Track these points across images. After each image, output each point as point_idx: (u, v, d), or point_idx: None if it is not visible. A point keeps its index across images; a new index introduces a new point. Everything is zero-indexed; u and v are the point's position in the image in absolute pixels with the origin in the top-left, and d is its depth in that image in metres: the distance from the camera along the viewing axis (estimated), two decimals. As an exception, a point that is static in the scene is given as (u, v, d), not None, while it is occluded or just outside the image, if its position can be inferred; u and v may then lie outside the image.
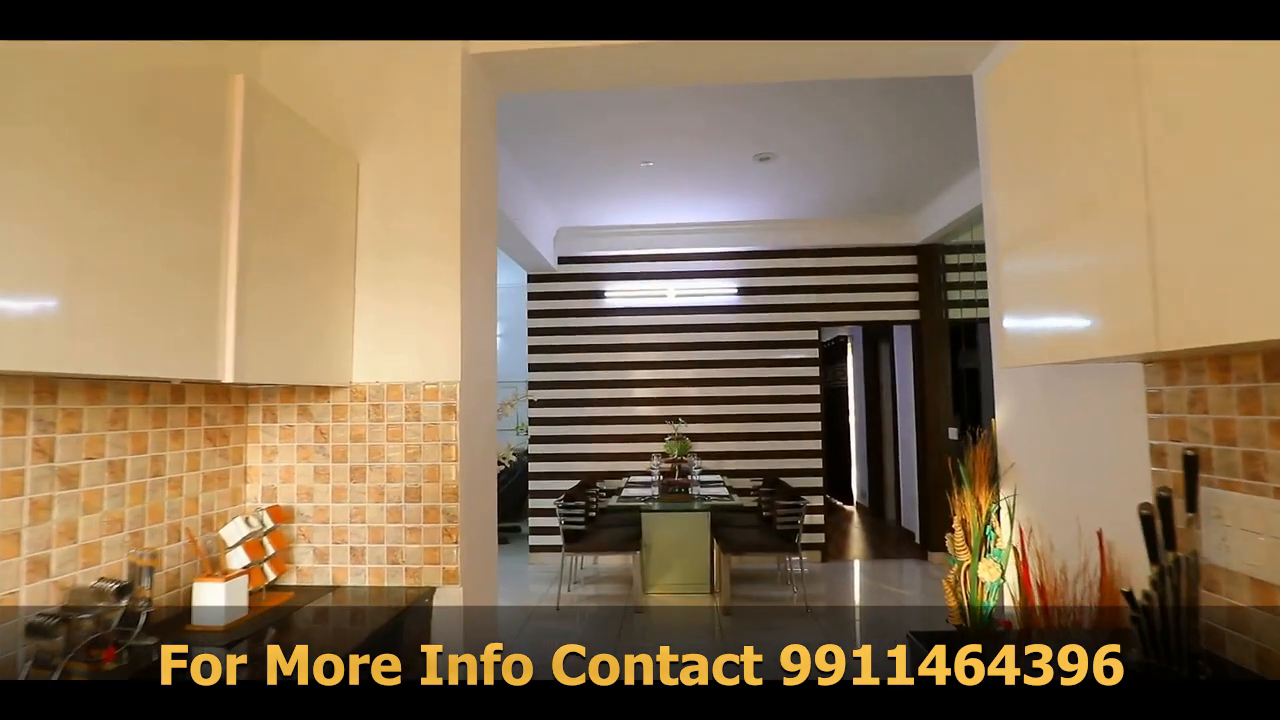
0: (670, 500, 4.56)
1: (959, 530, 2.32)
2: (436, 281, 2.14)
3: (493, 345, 2.55)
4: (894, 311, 5.95)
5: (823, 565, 5.75)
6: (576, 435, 5.98)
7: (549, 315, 6.06)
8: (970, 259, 5.31)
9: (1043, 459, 1.98)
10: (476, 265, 2.32)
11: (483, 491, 2.32)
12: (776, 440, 5.88)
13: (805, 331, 5.94)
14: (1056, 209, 1.40)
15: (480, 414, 2.31)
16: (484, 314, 2.41)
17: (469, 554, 2.12)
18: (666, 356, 5.97)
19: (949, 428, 5.71)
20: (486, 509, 2.38)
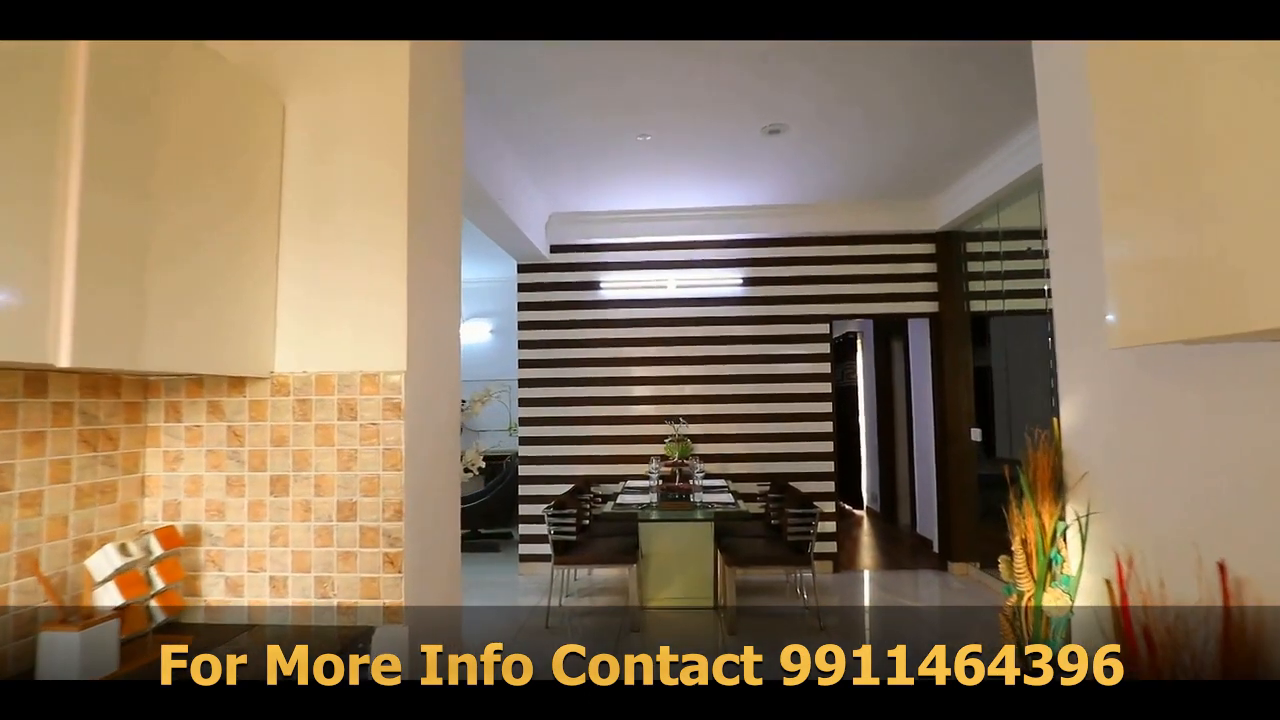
0: (670, 508, 4.15)
1: (1019, 553, 1.90)
2: (378, 244, 1.73)
3: (454, 327, 2.15)
4: (910, 304, 5.54)
5: (834, 576, 5.34)
6: (570, 436, 5.57)
7: (540, 308, 5.66)
8: (997, 247, 4.89)
9: (1140, 468, 1.56)
10: (432, 226, 1.91)
11: (438, 508, 1.91)
12: (785, 442, 5.47)
13: (815, 325, 5.53)
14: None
15: (435, 412, 1.90)
16: (441, 287, 2.01)
17: (418, 586, 1.71)
18: (666, 352, 5.56)
19: (971, 429, 5.30)
20: (443, 530, 1.97)
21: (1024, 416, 4.97)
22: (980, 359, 5.33)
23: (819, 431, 5.48)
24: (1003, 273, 4.84)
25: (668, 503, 4.19)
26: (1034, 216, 4.43)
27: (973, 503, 5.32)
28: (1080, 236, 1.84)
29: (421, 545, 1.74)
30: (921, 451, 6.29)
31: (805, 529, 4.07)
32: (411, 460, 1.70)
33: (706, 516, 4.06)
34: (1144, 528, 1.50)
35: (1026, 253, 4.61)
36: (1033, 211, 4.44)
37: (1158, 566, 1.41)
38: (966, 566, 5.32)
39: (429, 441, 1.83)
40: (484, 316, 8.06)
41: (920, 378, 6.23)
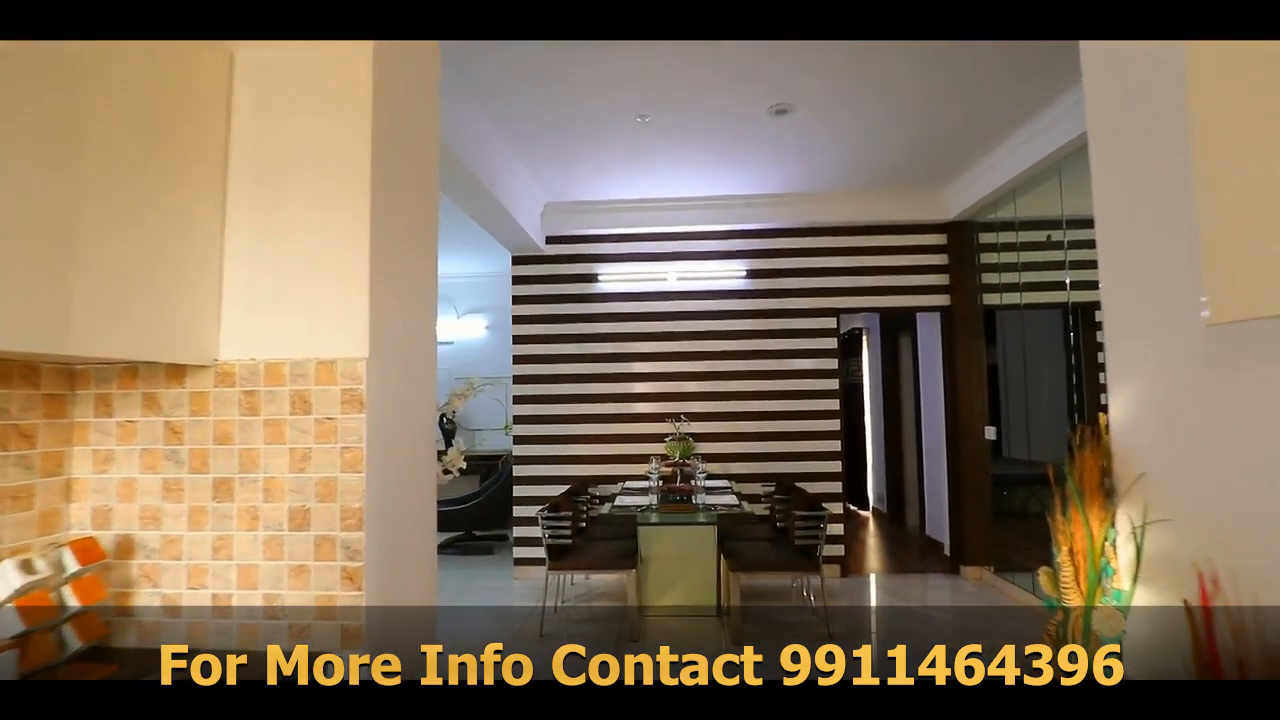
0: (671, 510, 3.93)
1: (1065, 564, 1.68)
2: (337, 217, 1.52)
3: (428, 313, 1.93)
4: (921, 297, 5.32)
5: (842, 581, 5.12)
6: (566, 435, 5.35)
7: (536, 301, 5.44)
8: (1013, 237, 4.67)
9: (1220, 469, 1.34)
10: (400, 199, 1.70)
11: (408, 516, 1.70)
12: (790, 441, 5.26)
13: (822, 319, 5.31)
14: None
15: (404, 406, 1.68)
16: (412, 268, 1.79)
17: (382, 605, 1.50)
18: (667, 347, 5.34)
19: (985, 427, 5.08)
20: (415, 541, 1.75)
21: (1040, 414, 4.76)
22: (994, 354, 5.11)
23: (826, 430, 5.26)
24: (1019, 264, 4.62)
25: (668, 505, 3.97)
26: (1053, 204, 4.22)
27: (986, 504, 5.10)
28: (1136, 218, 1.64)
29: (387, 558, 1.52)
30: (931, 451, 6.07)
31: (813, 532, 3.85)
32: (374, 460, 1.48)
33: (709, 519, 3.85)
34: (1231, 540, 1.28)
35: (1046, 242, 4.39)
36: (1052, 199, 4.22)
37: (1251, 586, 1.19)
38: (980, 570, 5.10)
39: (397, 439, 1.61)
40: (480, 312, 7.85)
41: (930, 374, 6.01)
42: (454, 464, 2.07)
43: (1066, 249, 4.13)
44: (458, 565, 5.81)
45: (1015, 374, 4.86)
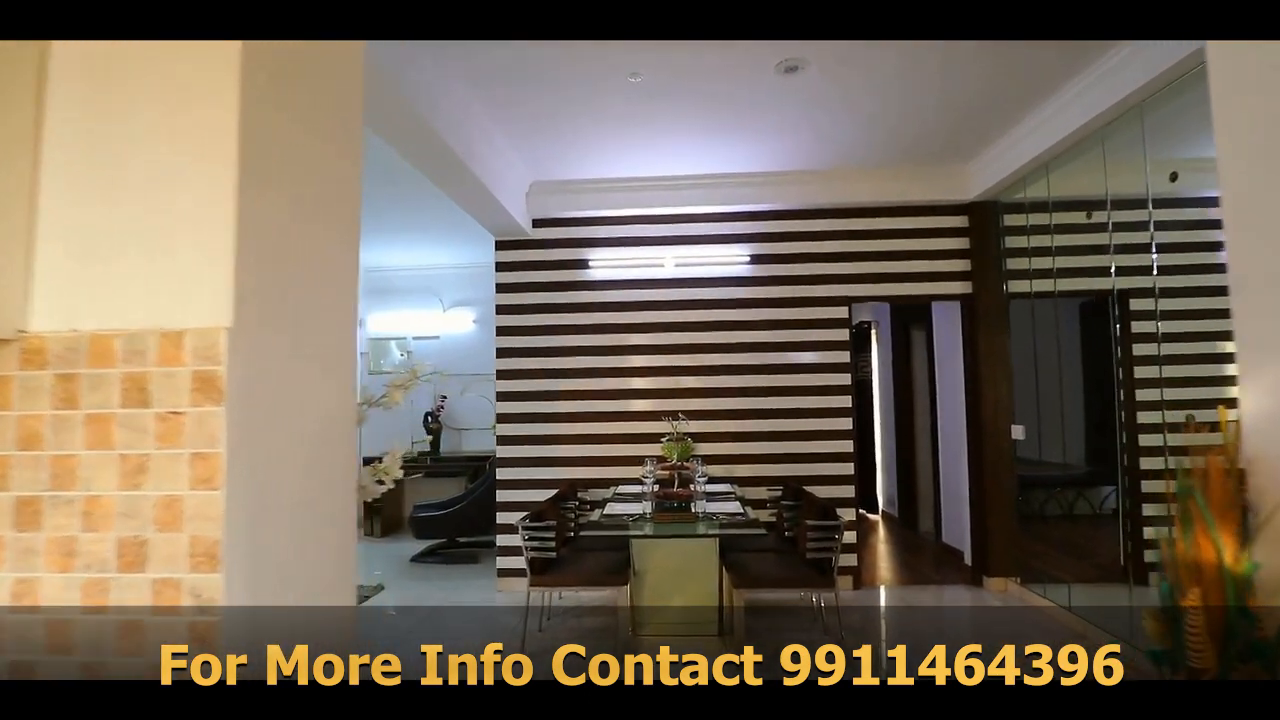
0: (668, 520, 3.50)
1: (1196, 614, 1.25)
2: (190, 137, 1.09)
3: (345, 277, 1.50)
4: (940, 284, 4.89)
5: (855, 593, 4.70)
6: (554, 435, 4.93)
7: (521, 289, 5.01)
8: (1046, 219, 4.23)
9: None
10: (293, 126, 1.26)
11: (303, 550, 1.26)
12: (799, 441, 4.83)
13: (833, 309, 4.88)
14: None
15: (295, 398, 1.25)
16: (311, 213, 1.36)
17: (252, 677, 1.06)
18: (663, 339, 4.92)
19: (1012, 425, 4.66)
20: (315, 584, 1.31)
21: (1074, 412, 4.34)
22: (1021, 346, 4.69)
23: (837, 429, 4.84)
24: (1053, 248, 4.18)
25: (665, 513, 3.54)
26: (1094, 181, 3.78)
27: (1012, 509, 4.68)
28: None
29: (258, 615, 1.09)
30: (949, 451, 5.65)
31: (827, 544, 3.43)
32: (238, 471, 1.05)
33: (710, 531, 3.41)
34: None
35: (1086, 223, 3.96)
36: (1092, 175, 3.79)
37: None
38: (1005, 581, 4.68)
39: (279, 443, 1.18)
40: (467, 305, 7.43)
41: (948, 369, 5.58)
42: (387, 473, 1.64)
43: (1111, 231, 3.69)
44: (440, 576, 5.38)
45: (1048, 368, 4.43)
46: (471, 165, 3.77)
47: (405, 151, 3.57)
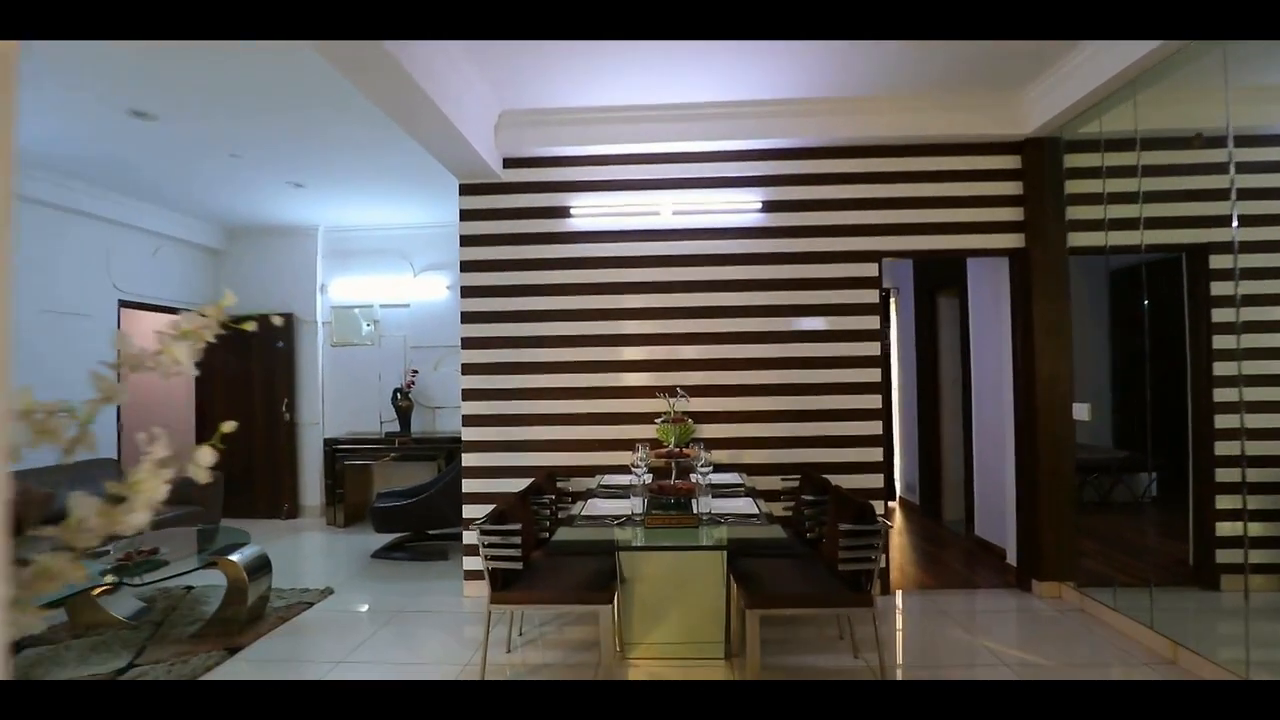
0: (664, 523, 2.76)
1: None
2: None
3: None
4: (985, 237, 4.12)
5: (881, 598, 4.00)
6: (528, 415, 4.19)
7: (490, 243, 4.23)
8: (1133, 159, 3.45)
9: None
10: None
11: None
12: (819, 421, 4.10)
13: (861, 265, 4.12)
14: None
15: None
16: None
17: None
18: (659, 301, 4.16)
19: (1074, 405, 3.93)
20: None
21: (1160, 388, 3.62)
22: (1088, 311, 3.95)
23: (864, 408, 4.10)
24: (1140, 194, 3.41)
25: (659, 516, 2.80)
26: (1204, 110, 2.99)
27: (1070, 502, 3.97)
28: None
29: None
30: (986, 433, 4.93)
31: (866, 553, 2.71)
32: None
33: (716, 542, 2.66)
34: None
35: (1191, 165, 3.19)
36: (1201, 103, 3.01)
37: None
38: (1059, 586, 3.98)
39: None
40: (439, 269, 6.64)
41: (987, 338, 4.84)
42: (140, 494, 0.90)
43: (1234, 173, 2.91)
44: (403, 576, 4.67)
45: (1126, 335, 3.70)
46: (425, 86, 2.98)
47: (345, 69, 2.80)
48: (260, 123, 4.09)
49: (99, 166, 4.84)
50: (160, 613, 3.96)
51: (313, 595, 4.24)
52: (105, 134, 4.20)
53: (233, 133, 4.24)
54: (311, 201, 5.83)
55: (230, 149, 4.53)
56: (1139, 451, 3.89)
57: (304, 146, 4.50)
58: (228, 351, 6.71)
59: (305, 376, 6.73)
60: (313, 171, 5.03)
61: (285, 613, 3.92)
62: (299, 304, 6.71)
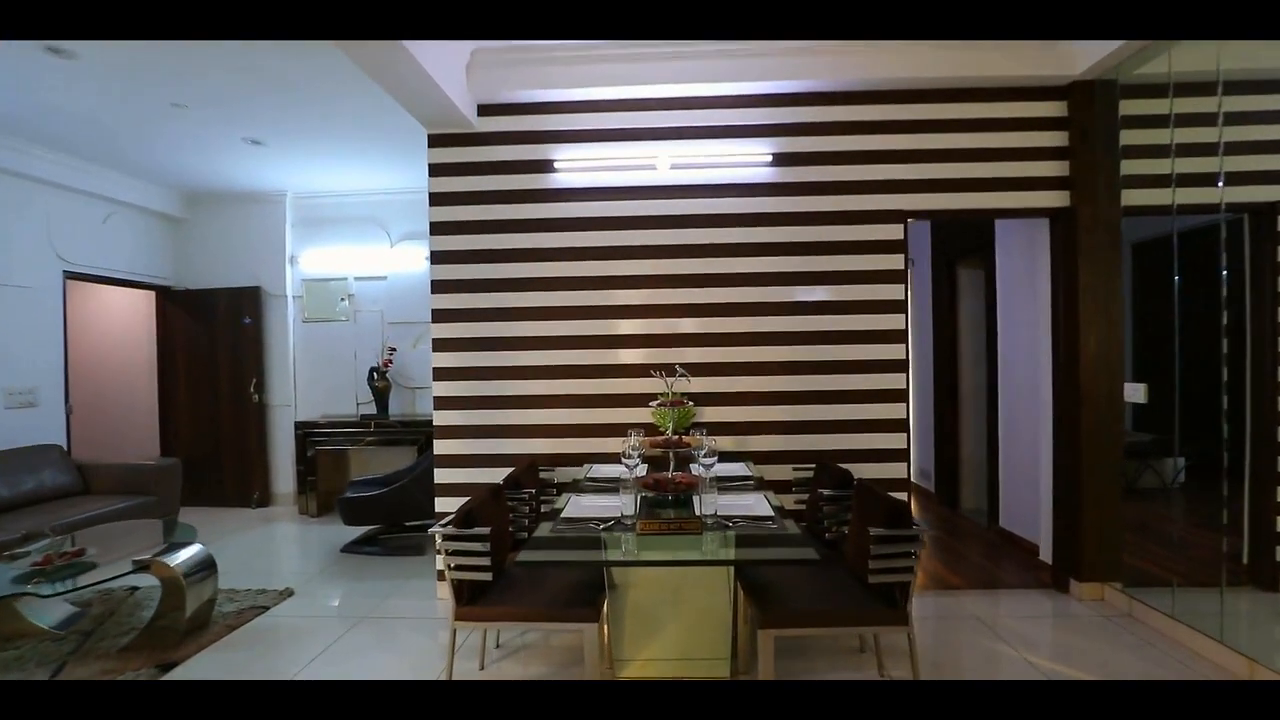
0: (660, 529, 2.30)
1: None
2: None
3: None
4: (1024, 195, 3.64)
5: (903, 602, 3.57)
6: (506, 396, 3.72)
7: (463, 201, 3.73)
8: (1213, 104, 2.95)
9: None
10: None
11: None
12: (836, 404, 3.64)
13: (884, 227, 3.64)
14: None
15: None
16: None
17: None
18: (655, 268, 3.68)
19: (1125, 385, 3.48)
20: None
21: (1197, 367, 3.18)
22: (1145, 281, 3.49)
23: (886, 388, 3.65)
24: (1220, 144, 2.92)
25: (655, 521, 2.34)
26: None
27: (1117, 494, 3.54)
28: None
29: None
30: (1015, 416, 4.48)
31: (901, 563, 2.26)
32: None
33: (724, 555, 2.19)
34: None
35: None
36: None
37: None
38: (1101, 588, 3.56)
39: None
40: (419, 238, 6.13)
41: (1018, 311, 4.38)
42: None
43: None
44: (373, 573, 4.24)
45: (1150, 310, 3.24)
46: None
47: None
48: (199, 65, 3.56)
49: (27, 120, 4.31)
50: (93, 620, 3.52)
51: (269, 597, 3.81)
52: (22, 78, 3.67)
53: (169, 76, 3.71)
54: (275, 163, 5.30)
55: (170, 97, 4.00)
56: (1166, 434, 3.47)
57: (255, 95, 3.97)
58: (190, 327, 6.22)
59: (275, 355, 6.24)
60: (269, 126, 4.50)
61: (234, 619, 3.49)
62: (267, 277, 6.21)
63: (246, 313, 6.14)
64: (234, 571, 4.27)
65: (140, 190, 5.75)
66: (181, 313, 6.24)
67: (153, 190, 5.87)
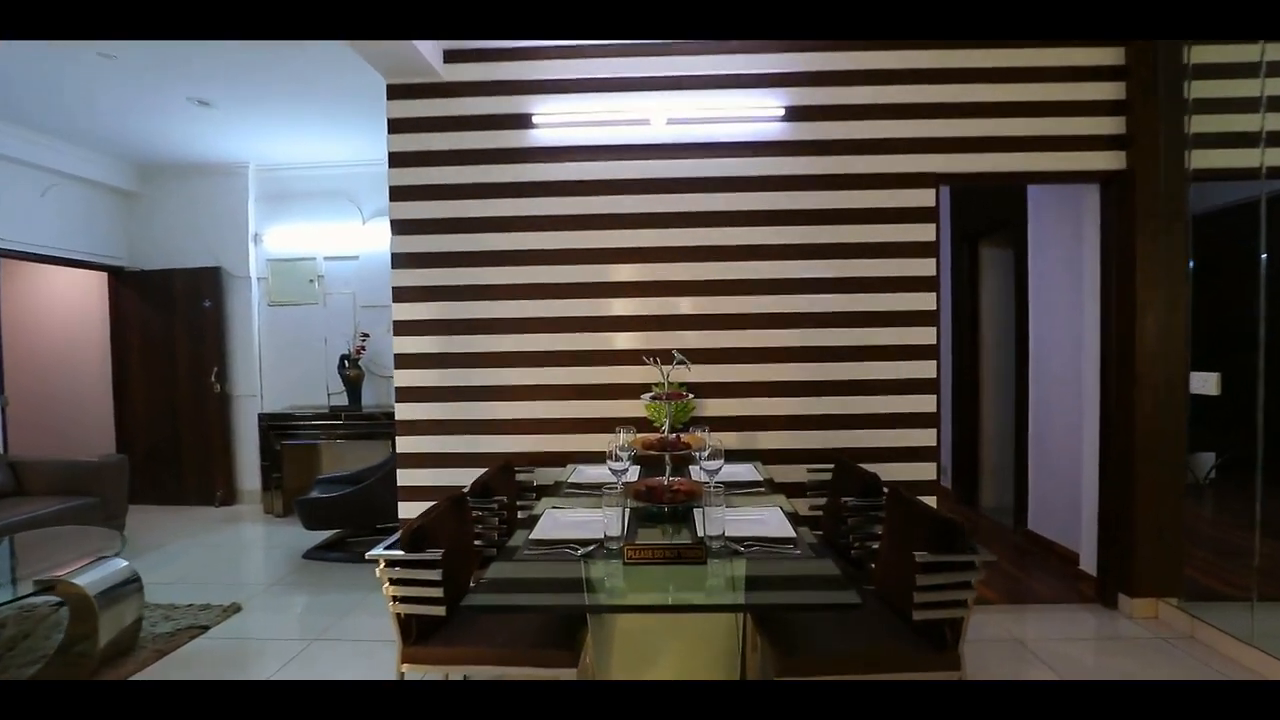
0: (651, 558, 1.83)
1: None
2: None
3: None
4: (1072, 155, 3.17)
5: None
6: (478, 388, 3.26)
7: (427, 162, 3.25)
8: None
9: None
10: None
11: None
12: (857, 396, 3.19)
13: (912, 192, 3.17)
14: None
15: None
16: None
17: None
18: (649, 239, 3.20)
19: (1192, 374, 3.03)
20: None
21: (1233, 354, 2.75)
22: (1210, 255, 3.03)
23: (913, 377, 3.19)
24: None
25: (645, 546, 1.87)
26: None
27: (1178, 497, 3.10)
28: None
29: None
30: (1049, 406, 4.04)
31: (956, 594, 1.81)
32: None
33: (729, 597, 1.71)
34: None
35: None
36: None
37: None
38: (1155, 604, 3.13)
39: None
40: (392, 214, 5.61)
41: (1056, 290, 3.93)
42: None
43: None
44: (335, 584, 3.79)
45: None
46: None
47: None
48: None
49: (-63, 72, 3.80)
50: (5, 642, 3.06)
51: (212, 614, 3.35)
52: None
53: (87, 16, 3.20)
54: (232, 129, 4.80)
55: (95, 45, 3.49)
56: (1198, 428, 3.04)
57: (189, 43, 3.47)
58: (145, 312, 5.72)
59: (238, 342, 5.76)
60: (214, 83, 3.99)
61: (166, 642, 3.03)
62: (228, 256, 5.71)
63: (206, 296, 5.65)
64: (180, 582, 3.82)
65: (85, 160, 5.23)
66: (135, 296, 5.73)
67: (99, 160, 5.36)
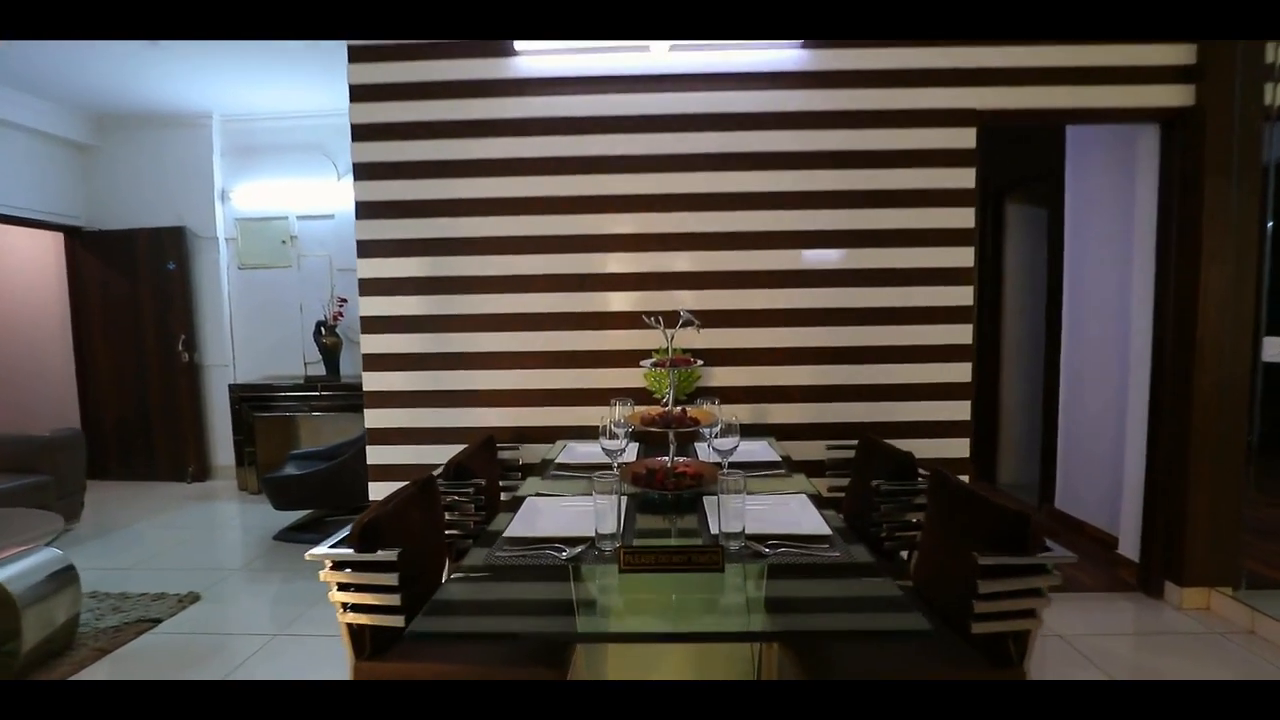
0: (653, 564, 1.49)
1: None
2: None
3: None
4: (1130, 90, 2.77)
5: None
6: (455, 354, 2.90)
7: (394, 95, 2.84)
8: None
9: None
10: None
11: None
12: (880, 363, 2.84)
13: (949, 131, 2.78)
14: None
15: None
16: None
17: None
18: (647, 185, 2.82)
19: (1265, 339, 2.68)
20: None
21: None
22: None
23: (948, 344, 2.85)
24: None
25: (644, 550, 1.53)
26: None
27: (1240, 479, 2.77)
28: None
29: None
30: (1084, 376, 3.70)
31: (1024, 603, 1.49)
32: None
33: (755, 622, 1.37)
34: None
35: None
36: None
37: None
38: (1207, 594, 2.83)
39: None
40: (370, 170, 5.19)
41: (1099, 247, 3.56)
42: None
43: None
44: (305, 570, 3.46)
45: None
46: None
47: None
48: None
49: None
50: (-72, 639, 2.75)
51: (166, 605, 3.04)
52: None
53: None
54: (192, 74, 4.35)
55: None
56: None
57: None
58: (106, 275, 5.32)
59: (207, 308, 5.37)
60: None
61: (110, 639, 2.72)
62: (194, 215, 5.29)
63: (170, 257, 5.25)
64: (136, 568, 3.50)
65: (34, 110, 4.79)
66: (94, 258, 5.33)
67: (50, 110, 4.91)
